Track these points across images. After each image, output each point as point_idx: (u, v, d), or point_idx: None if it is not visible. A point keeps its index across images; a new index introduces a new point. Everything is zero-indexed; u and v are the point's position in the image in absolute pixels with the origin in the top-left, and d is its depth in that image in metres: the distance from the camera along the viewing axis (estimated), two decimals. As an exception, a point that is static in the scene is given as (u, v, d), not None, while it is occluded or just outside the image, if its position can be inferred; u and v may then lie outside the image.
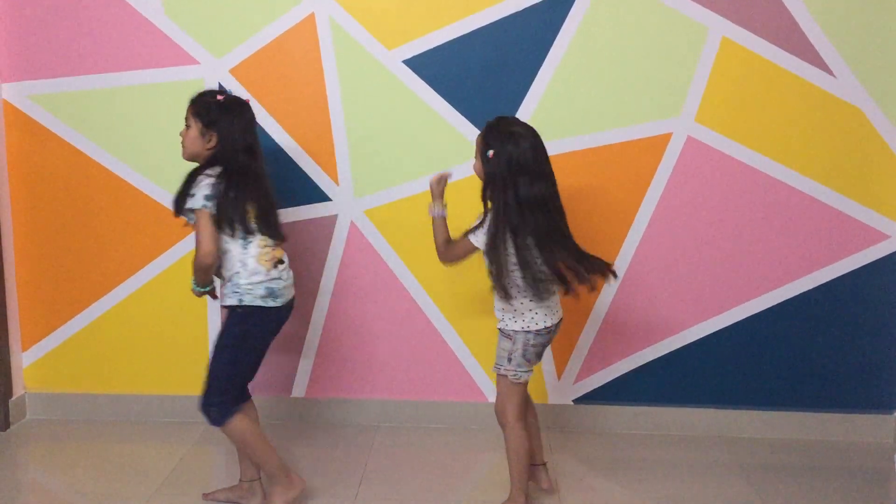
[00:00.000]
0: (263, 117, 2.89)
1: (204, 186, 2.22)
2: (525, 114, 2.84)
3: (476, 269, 2.91)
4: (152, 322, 3.03)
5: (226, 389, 2.32)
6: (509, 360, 2.30)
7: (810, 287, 2.92)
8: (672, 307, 2.95)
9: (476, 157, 2.28)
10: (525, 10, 2.79)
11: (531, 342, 2.29)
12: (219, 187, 2.23)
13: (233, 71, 2.87)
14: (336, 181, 2.93)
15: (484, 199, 2.27)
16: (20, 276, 3.02)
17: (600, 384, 3.03)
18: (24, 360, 3.08)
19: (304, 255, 2.96)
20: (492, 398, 3.05)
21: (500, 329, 2.34)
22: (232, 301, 2.30)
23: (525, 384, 2.34)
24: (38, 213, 2.98)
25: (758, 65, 2.80)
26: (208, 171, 2.26)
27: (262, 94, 2.89)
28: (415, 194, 2.91)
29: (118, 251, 2.99)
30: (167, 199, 2.93)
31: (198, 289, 2.39)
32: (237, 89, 2.87)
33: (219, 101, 2.30)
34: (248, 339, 2.33)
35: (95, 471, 2.68)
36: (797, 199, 2.87)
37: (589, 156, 2.86)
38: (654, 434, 3.01)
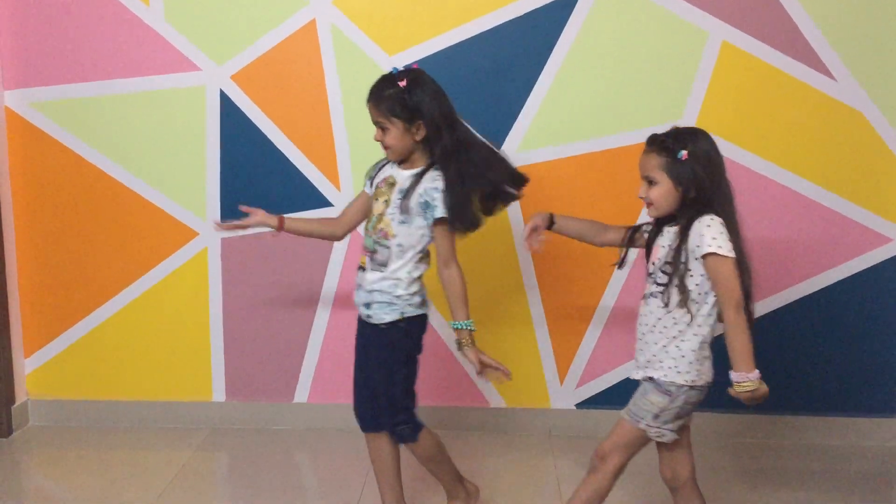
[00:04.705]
0: (265, 123, 2.90)
1: (438, 186, 2.04)
2: (526, 119, 2.84)
3: (478, 271, 2.92)
4: (154, 328, 3.03)
5: (408, 403, 2.19)
6: (656, 416, 1.93)
7: (812, 290, 2.92)
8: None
9: (652, 180, 1.91)
10: (526, 15, 2.79)
11: (693, 400, 1.91)
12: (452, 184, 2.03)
13: (234, 77, 2.87)
14: (338, 187, 2.93)
15: (684, 213, 1.91)
16: (22, 282, 3.03)
17: (603, 388, 3.02)
18: (27, 367, 3.09)
19: (306, 260, 2.96)
20: (494, 402, 3.05)
21: (654, 379, 1.92)
22: (393, 316, 2.12)
23: (649, 442, 2.00)
24: (40, 219, 2.99)
25: (758, 69, 2.80)
26: (435, 171, 2.08)
27: (264, 100, 2.89)
28: (416, 199, 2.91)
29: (120, 257, 2.99)
30: (169, 205, 2.96)
31: (465, 324, 2.12)
32: (238, 96, 2.88)
33: (403, 87, 2.05)
34: (414, 351, 2.20)
35: (98, 477, 2.68)
36: (799, 203, 2.87)
37: (590, 160, 2.86)
38: (656, 438, 3.01)
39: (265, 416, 3.07)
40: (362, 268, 2.16)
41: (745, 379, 1.81)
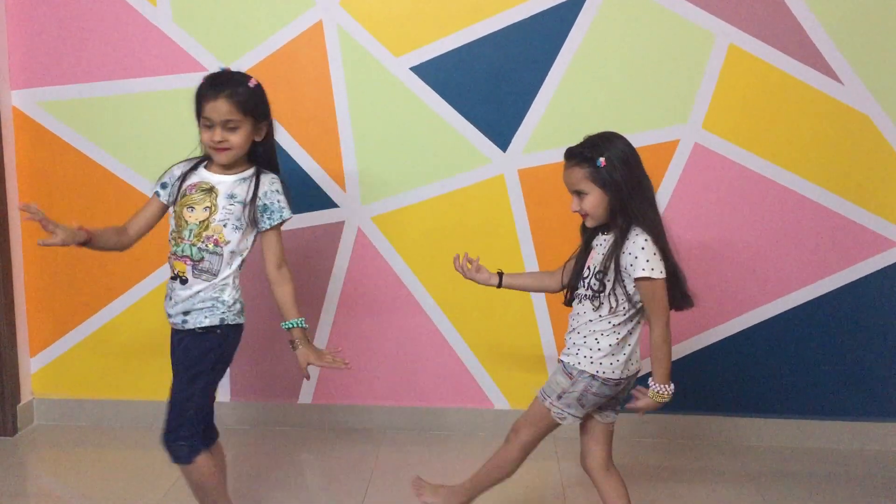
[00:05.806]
0: (271, 124, 2.90)
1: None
2: (533, 120, 2.85)
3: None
4: (160, 328, 3.01)
5: (196, 422, 2.07)
6: (559, 397, 2.03)
7: (818, 294, 2.91)
8: (678, 314, 2.93)
9: (581, 192, 1.96)
10: (533, 16, 2.79)
11: (594, 390, 1.99)
12: None
13: (241, 78, 2.88)
14: (343, 188, 2.93)
15: (615, 220, 1.96)
16: (29, 281, 3.04)
17: (607, 391, 3.02)
18: (33, 366, 3.10)
19: (310, 261, 2.97)
20: (498, 404, 3.05)
21: (562, 361, 2.04)
22: (213, 321, 2.05)
23: (558, 424, 2.08)
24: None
25: (765, 71, 2.79)
26: (269, 174, 2.12)
27: (270, 100, 2.86)
28: (422, 201, 2.91)
29: (126, 257, 2.98)
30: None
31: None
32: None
33: (255, 86, 2.09)
34: (225, 362, 2.12)
35: (103, 476, 2.69)
36: (805, 206, 2.87)
37: (596, 162, 2.86)
38: (660, 441, 3.00)
39: (269, 416, 3.07)
40: (180, 278, 2.05)
41: (664, 390, 1.95)
